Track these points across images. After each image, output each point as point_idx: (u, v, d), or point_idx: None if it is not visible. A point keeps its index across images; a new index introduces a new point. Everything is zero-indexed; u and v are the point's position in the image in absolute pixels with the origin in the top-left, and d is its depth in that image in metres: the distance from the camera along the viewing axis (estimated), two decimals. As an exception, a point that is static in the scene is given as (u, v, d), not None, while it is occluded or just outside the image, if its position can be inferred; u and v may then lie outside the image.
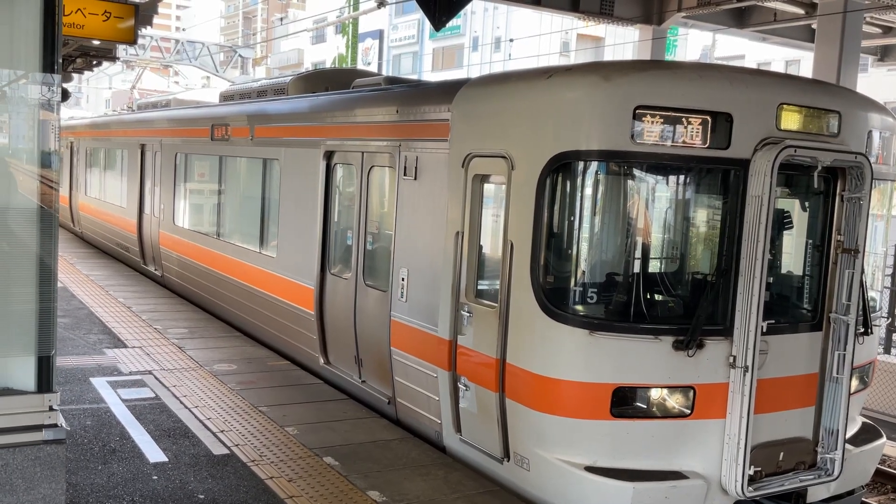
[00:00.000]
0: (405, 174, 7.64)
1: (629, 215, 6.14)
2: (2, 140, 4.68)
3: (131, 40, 11.48)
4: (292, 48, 70.83)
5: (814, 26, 19.39)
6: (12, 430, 4.35)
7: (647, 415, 5.89)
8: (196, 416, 7.68)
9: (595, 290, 6.12)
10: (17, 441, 4.34)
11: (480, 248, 6.75)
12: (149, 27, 16.32)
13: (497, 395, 6.33)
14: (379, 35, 59.51)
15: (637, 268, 6.17)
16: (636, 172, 6.05)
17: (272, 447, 7.00)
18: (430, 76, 46.57)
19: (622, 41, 34.62)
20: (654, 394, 5.87)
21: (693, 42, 42.45)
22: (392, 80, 9.30)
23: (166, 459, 6.63)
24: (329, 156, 9.09)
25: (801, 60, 33.72)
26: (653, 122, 5.69)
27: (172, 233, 14.18)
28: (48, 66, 4.48)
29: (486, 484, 6.51)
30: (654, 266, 6.38)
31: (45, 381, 4.47)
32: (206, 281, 12.61)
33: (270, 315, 10.46)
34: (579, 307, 6.06)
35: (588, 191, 6.09)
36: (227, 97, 13.75)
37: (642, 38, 21.45)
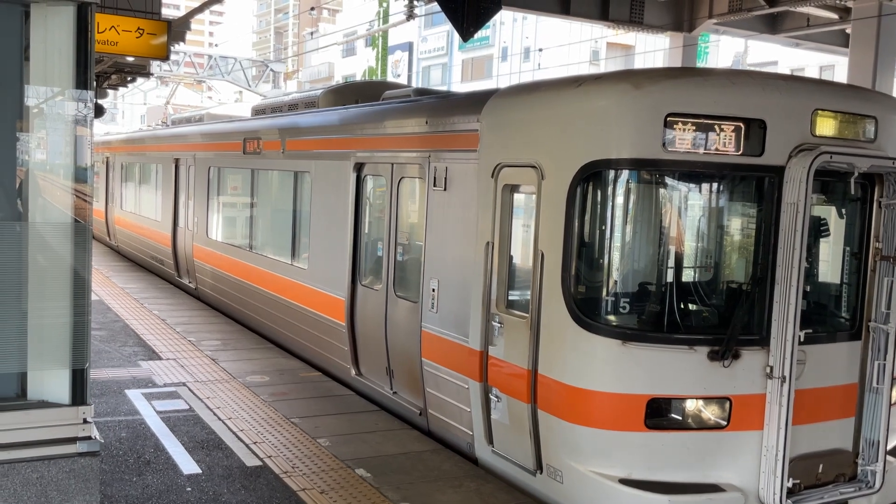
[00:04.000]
0: (435, 185, 7.63)
1: (661, 224, 6.06)
2: (38, 156, 4.76)
3: (164, 56, 11.68)
4: (323, 62, 71.45)
5: (848, 31, 19.13)
6: (47, 442, 4.39)
7: (682, 426, 5.78)
8: (229, 428, 7.71)
9: (628, 299, 6.04)
10: (51, 453, 4.37)
11: (511, 258, 6.69)
12: (182, 43, 16.58)
13: (529, 407, 6.26)
14: (408, 47, 59.83)
15: (670, 277, 6.07)
16: (668, 181, 5.97)
17: (304, 459, 7.00)
18: (460, 87, 46.66)
19: (653, 49, 34.42)
20: (690, 405, 5.77)
21: (725, 49, 42.06)
22: (421, 92, 9.33)
23: (200, 471, 6.66)
24: (359, 167, 9.10)
25: (835, 66, 33.25)
26: (684, 130, 5.61)
27: (206, 246, 14.30)
28: (81, 82, 4.54)
29: (518, 496, 6.44)
30: (688, 275, 6.26)
31: (79, 393, 4.51)
32: (240, 293, 12.68)
33: (302, 326, 10.47)
34: (612, 317, 5.98)
35: (619, 199, 6.03)
36: (258, 111, 13.86)
37: (673, 46, 21.31)
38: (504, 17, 48.44)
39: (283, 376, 9.69)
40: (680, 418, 5.77)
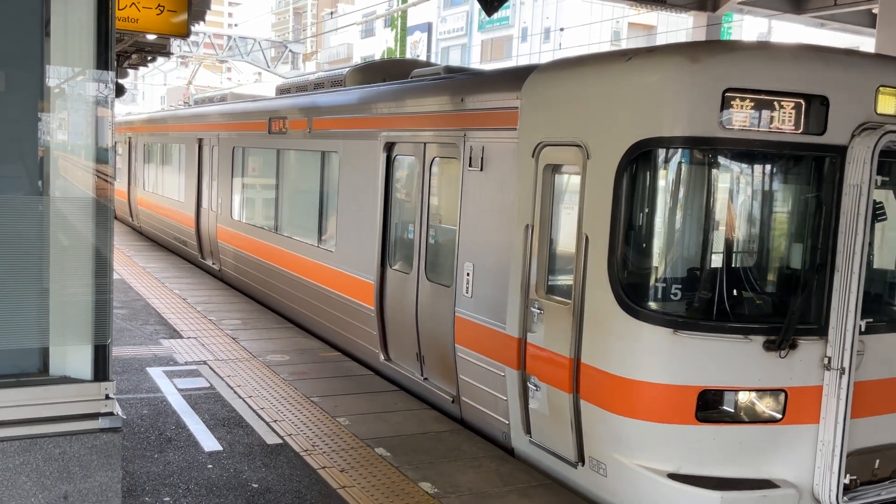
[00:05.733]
0: (470, 165, 7.33)
1: (715, 207, 5.70)
2: (60, 136, 4.75)
3: (184, 34, 11.59)
4: (342, 43, 71.26)
5: (875, 11, 18.77)
6: (69, 418, 4.39)
7: (734, 419, 5.52)
8: (250, 406, 7.72)
9: (679, 286, 5.71)
10: (74, 429, 4.37)
11: (552, 241, 6.43)
12: (202, 23, 16.51)
13: (571, 397, 6.02)
14: (427, 28, 59.50)
15: (723, 263, 5.73)
16: (723, 160, 5.64)
17: (324, 437, 7.01)
18: (479, 67, 46.31)
19: (675, 29, 34.01)
20: (743, 397, 5.51)
21: (748, 29, 41.50)
22: (451, 70, 9.01)
23: (221, 448, 6.68)
24: (389, 147, 8.81)
25: (860, 47, 32.75)
26: (743, 107, 5.29)
27: (230, 227, 14.07)
28: (102, 61, 4.51)
29: (539, 477, 6.41)
30: (742, 261, 5.91)
31: (101, 369, 4.49)
32: (264, 275, 12.45)
33: (329, 310, 10.26)
34: (662, 304, 5.67)
35: (672, 180, 5.70)
36: (283, 90, 13.58)
37: (696, 25, 21.01)
38: (525, -3, 48.03)
39: (304, 355, 9.70)
40: (732, 411, 5.51)
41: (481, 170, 7.20)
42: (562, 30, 40.86)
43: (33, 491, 4.29)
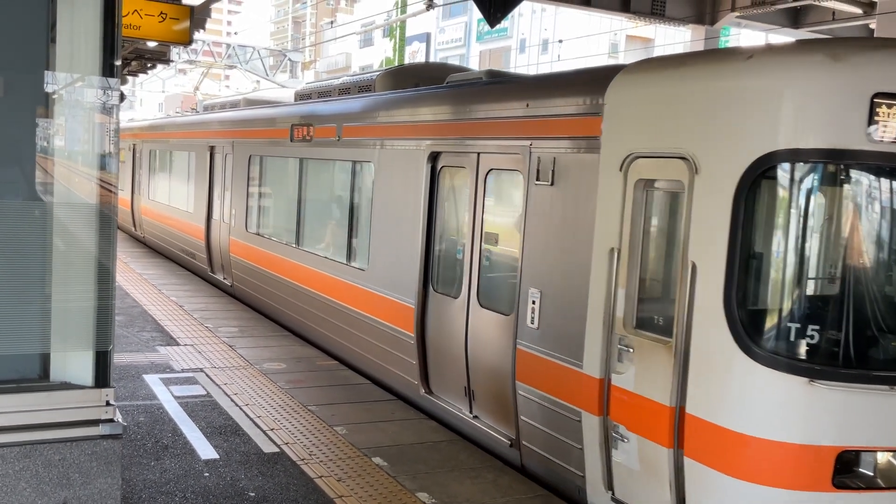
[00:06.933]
0: (538, 178, 6.50)
1: (860, 232, 4.90)
2: (61, 143, 4.76)
3: (186, 41, 11.67)
4: (340, 52, 71.47)
5: (872, 26, 18.91)
6: (70, 424, 4.40)
7: (877, 485, 4.75)
8: (246, 414, 7.73)
9: (816, 326, 4.83)
10: (74, 435, 4.37)
11: (643, 267, 5.58)
12: (202, 30, 16.56)
13: (671, 452, 5.15)
14: (426, 38, 59.69)
15: (871, 299, 4.88)
16: (870, 178, 4.80)
17: (321, 446, 7.01)
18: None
19: (672, 42, 34.17)
20: (882, 458, 4.75)
21: (744, 43, 41.72)
22: (494, 74, 8.34)
23: (217, 456, 6.68)
24: (434, 157, 8.04)
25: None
26: (893, 115, 4.52)
27: (245, 240, 13.22)
28: (108, 67, 4.53)
29: (537, 489, 6.42)
30: (890, 298, 5.06)
31: (102, 375, 4.50)
32: (283, 293, 11.62)
33: (358, 334, 9.38)
34: (793, 347, 4.84)
35: (807, 200, 4.88)
36: (303, 96, 12.77)
37: (694, 39, 21.14)
38: (524, 8, 48.27)
39: (300, 364, 9.70)
40: (871, 475, 4.75)
41: (552, 184, 6.37)
42: (560, 41, 41.02)
43: (33, 497, 4.29)
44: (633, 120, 5.66)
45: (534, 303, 6.47)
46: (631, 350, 5.48)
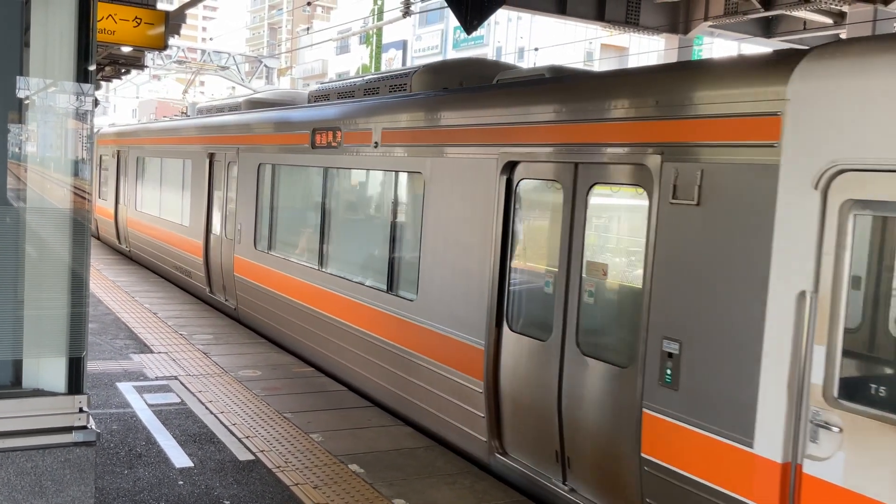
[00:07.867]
0: (674, 196, 5.20)
1: None
2: (33, 149, 4.72)
3: (161, 46, 11.60)
4: (316, 59, 71.36)
5: (843, 35, 19.21)
6: (42, 431, 4.35)
7: None
8: (221, 422, 7.67)
9: None
10: (47, 443, 4.31)
11: (853, 319, 4.42)
12: (176, 36, 16.48)
13: None
14: (402, 45, 59.77)
15: None
16: None
17: (297, 454, 6.97)
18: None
19: (646, 51, 34.50)
20: None
21: (717, 52, 42.20)
22: (558, 71, 7.19)
23: (192, 464, 6.62)
24: (511, 168, 6.73)
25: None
26: None
27: (253, 259, 11.77)
28: (83, 72, 4.50)
29: (514, 494, 6.43)
30: None
31: (75, 382, 4.45)
32: (303, 322, 10.24)
33: (404, 375, 8.04)
34: None
35: None
36: (318, 97, 11.33)
37: (668, 48, 21.37)
38: (500, 17, 48.52)
39: (276, 371, 9.65)
40: None
41: (697, 204, 5.07)
42: (536, 49, 41.25)
43: (4, 506, 4.22)
44: (836, 120, 4.35)
45: (670, 355, 5.22)
46: (839, 431, 4.27)
